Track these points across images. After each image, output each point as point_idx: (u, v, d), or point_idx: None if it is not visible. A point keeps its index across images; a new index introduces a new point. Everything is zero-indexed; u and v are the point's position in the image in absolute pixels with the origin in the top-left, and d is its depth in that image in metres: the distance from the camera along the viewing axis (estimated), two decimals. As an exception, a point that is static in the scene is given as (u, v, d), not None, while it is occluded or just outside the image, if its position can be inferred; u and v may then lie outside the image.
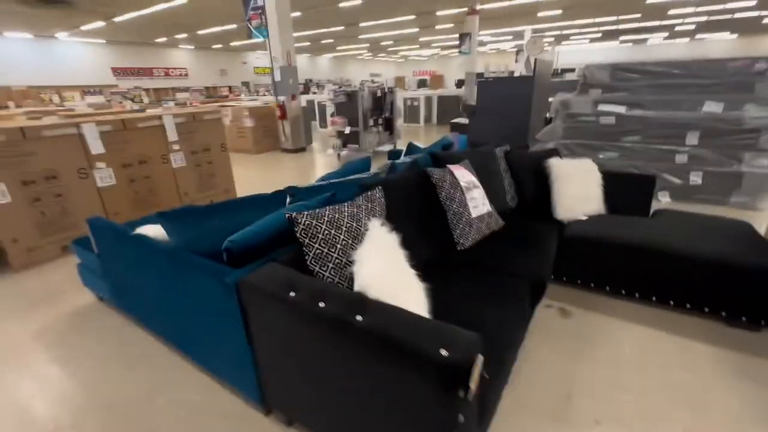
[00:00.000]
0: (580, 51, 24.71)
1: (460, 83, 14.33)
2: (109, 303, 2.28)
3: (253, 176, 5.54)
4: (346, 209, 1.38)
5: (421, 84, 16.43)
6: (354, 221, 1.36)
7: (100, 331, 2.09)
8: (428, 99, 10.93)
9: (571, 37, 21.29)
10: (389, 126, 7.12)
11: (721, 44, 21.87)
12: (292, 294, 1.10)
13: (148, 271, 1.60)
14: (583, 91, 4.35)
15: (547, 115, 5.29)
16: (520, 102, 4.42)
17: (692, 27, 17.55)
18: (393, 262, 1.23)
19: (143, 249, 1.57)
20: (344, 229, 1.32)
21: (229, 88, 19.90)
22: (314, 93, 12.79)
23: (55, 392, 1.68)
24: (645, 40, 22.22)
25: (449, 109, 10.94)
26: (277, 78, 6.79)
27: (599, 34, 19.90)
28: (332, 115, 9.37)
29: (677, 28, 18.01)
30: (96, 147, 3.09)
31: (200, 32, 14.48)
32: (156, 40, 16.36)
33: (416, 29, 16.45)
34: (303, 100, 7.15)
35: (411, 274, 1.24)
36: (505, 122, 4.54)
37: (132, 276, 1.76)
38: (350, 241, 1.31)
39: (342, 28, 14.99)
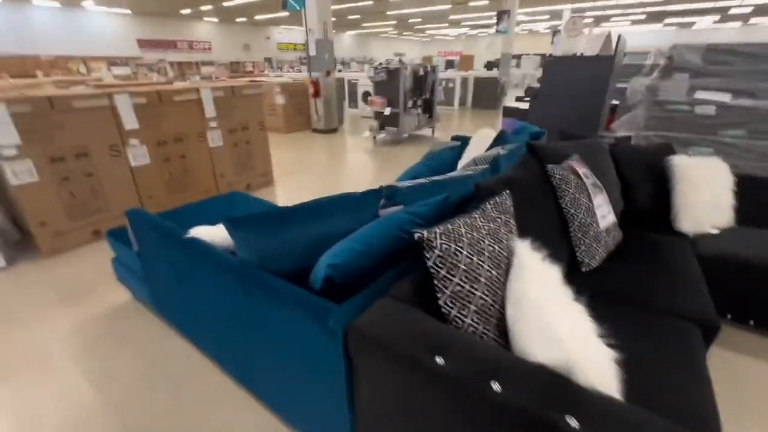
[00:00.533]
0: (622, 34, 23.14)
1: (489, 65, 13.53)
2: (148, 305, 1.98)
3: (287, 158, 5.19)
4: (481, 223, 1.00)
5: (449, 65, 15.61)
6: (495, 242, 0.98)
7: (138, 340, 1.79)
8: (464, 80, 10.29)
9: (612, 19, 19.88)
10: (428, 108, 6.63)
11: (779, 30, 20.12)
12: (439, 360, 0.74)
13: (207, 287, 1.27)
14: (665, 76, 3.78)
15: (614, 101, 4.73)
16: (593, 85, 3.89)
17: (748, 10, 16.06)
18: (568, 311, 0.85)
19: (203, 260, 1.23)
20: (486, 255, 0.94)
21: (252, 63, 19.45)
22: (339, 71, 12.23)
23: (85, 416, 1.39)
24: (691, 24, 20.58)
25: (485, 92, 10.30)
26: (312, 52, 6.34)
27: (643, 16, 18.49)
28: (364, 95, 8.93)
29: (732, 11, 16.52)
30: (130, 121, 2.77)
31: (226, 3, 13.98)
32: (181, 12, 15.95)
33: (448, 5, 15.54)
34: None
35: (591, 329, 0.86)
36: (573, 108, 4.02)
37: (182, 287, 1.44)
38: (494, 273, 0.93)
39: (371, 2, 14.25)
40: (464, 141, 3.04)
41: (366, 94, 8.84)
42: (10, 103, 2.24)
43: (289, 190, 3.93)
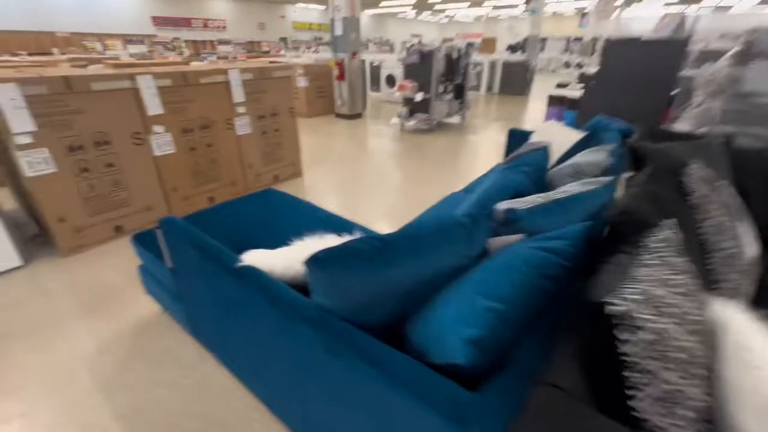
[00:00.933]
0: (649, 19, 21.87)
1: (513, 48, 12.84)
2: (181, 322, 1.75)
3: (311, 145, 4.89)
4: (665, 276, 0.70)
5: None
6: (692, 306, 0.68)
7: (172, 366, 1.56)
8: (492, 64, 9.75)
9: (644, 0, 18.71)
10: (459, 94, 6.22)
11: (829, 14, 18.74)
12: None
13: (265, 328, 1.00)
14: (740, 63, 3.34)
15: (673, 92, 4.28)
16: (660, 73, 3.47)
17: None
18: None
19: (264, 299, 0.96)
20: (688, 327, 0.65)
21: (267, 44, 18.96)
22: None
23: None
24: (729, 7, 19.24)
25: (513, 77, 9.76)
26: (338, 31, 5.94)
27: (677, -2, 17.34)
28: (388, 79, 8.49)
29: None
30: (154, 106, 2.50)
31: (243, -21, 13.45)
32: (196, -13, 15.47)
33: (475, -17, 14.73)
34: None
35: None
36: (636, 97, 3.62)
37: (228, 320, 1.18)
38: (701, 355, 0.64)
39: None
40: (521, 135, 2.71)
41: (390, 78, 8.42)
42: (23, 84, 1.98)
43: (319, 183, 3.65)
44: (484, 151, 4.76)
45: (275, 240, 1.62)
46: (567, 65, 17.48)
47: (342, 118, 6.60)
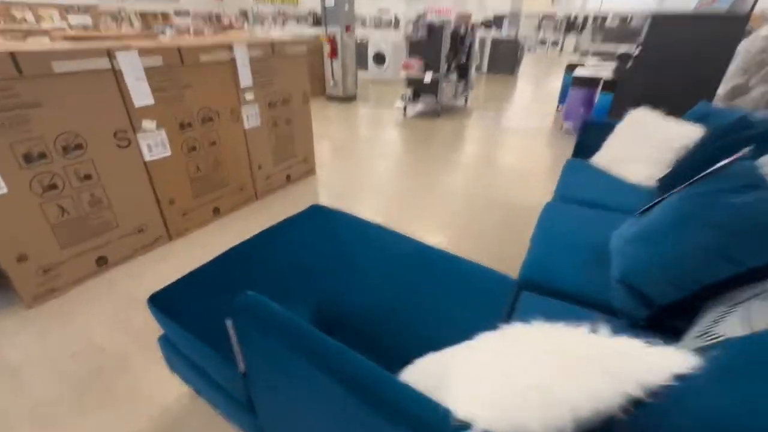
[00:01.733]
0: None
1: (484, 25, 12.36)
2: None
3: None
4: None
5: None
6: None
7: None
8: (482, 42, 9.28)
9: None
10: (463, 74, 5.73)
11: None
12: None
13: None
14: None
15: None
16: (713, 51, 3.16)
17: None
18: None
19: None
20: None
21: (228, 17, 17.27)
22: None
23: None
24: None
25: (502, 56, 9.37)
26: (330, 3, 5.21)
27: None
28: (376, 57, 7.72)
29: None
30: (140, 94, 1.84)
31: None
32: (142, -50, 13.61)
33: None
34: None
35: None
36: (683, 80, 3.31)
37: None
38: None
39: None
40: (599, 127, 2.30)
41: (378, 56, 7.75)
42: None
43: (337, 182, 3.09)
44: (507, 138, 4.36)
45: (364, 290, 1.13)
46: (543, 43, 17.37)
47: (334, 100, 5.93)
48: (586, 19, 15.64)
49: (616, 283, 1.10)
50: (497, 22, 11.95)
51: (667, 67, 3.34)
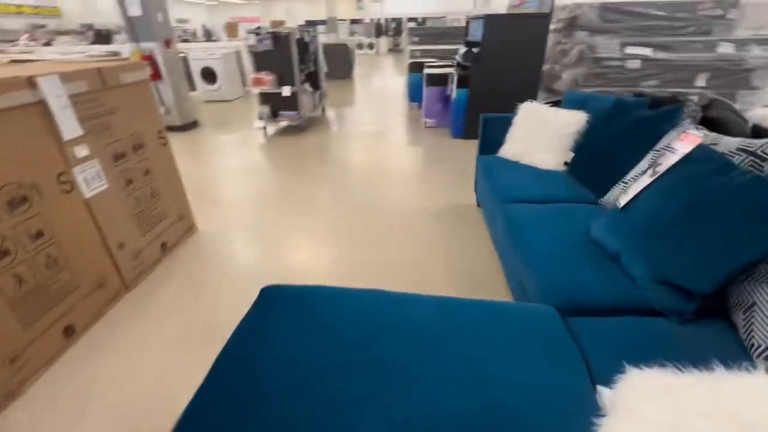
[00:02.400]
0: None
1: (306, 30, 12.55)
2: None
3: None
4: None
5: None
6: None
7: None
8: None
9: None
10: (315, 84, 5.49)
11: None
12: None
13: None
14: (568, 34, 4.04)
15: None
16: (532, 46, 3.80)
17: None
18: None
19: None
20: None
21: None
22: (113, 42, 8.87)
23: None
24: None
25: (336, 61, 9.51)
26: (135, 11, 4.16)
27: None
28: (204, 72, 6.54)
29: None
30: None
31: None
32: None
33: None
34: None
35: None
36: (517, 70, 3.88)
37: None
38: None
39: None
40: (499, 121, 2.43)
41: (207, 71, 6.75)
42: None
43: (226, 236, 2.47)
44: (376, 143, 4.35)
45: (419, 391, 0.84)
46: (360, 46, 18.52)
47: (173, 131, 4.86)
48: (400, 22, 17.27)
49: (652, 284, 1.09)
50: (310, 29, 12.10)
51: (503, 60, 3.87)
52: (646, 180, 1.26)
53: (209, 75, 6.80)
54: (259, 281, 1.23)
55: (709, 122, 1.60)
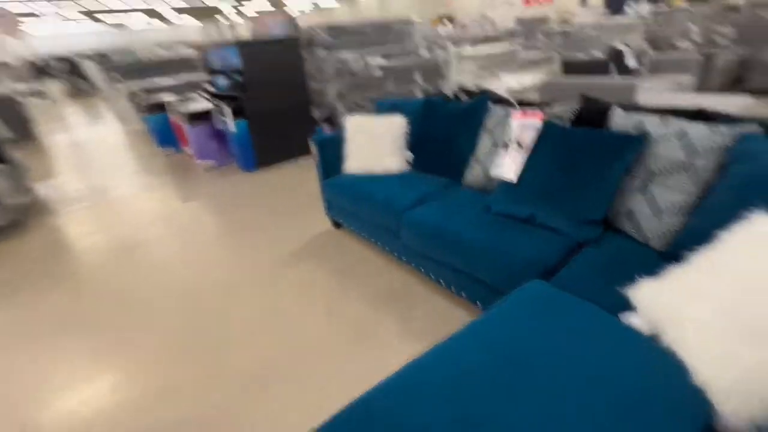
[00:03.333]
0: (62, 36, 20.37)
1: None
2: None
3: None
4: None
5: None
6: None
7: None
8: None
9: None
10: (2, 158, 3.65)
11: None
12: None
13: None
14: (310, 52, 4.45)
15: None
16: (292, 68, 3.85)
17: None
18: None
19: None
20: None
21: None
22: None
23: None
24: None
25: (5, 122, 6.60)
26: None
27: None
28: None
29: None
30: None
31: None
32: None
33: None
34: None
35: None
36: (284, 95, 3.86)
37: None
38: None
39: None
40: (330, 141, 2.39)
41: None
42: None
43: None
44: (145, 215, 3.45)
45: None
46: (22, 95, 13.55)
47: None
48: (72, 61, 13.53)
49: (575, 226, 1.40)
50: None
51: (270, 85, 3.78)
52: (520, 154, 1.58)
53: None
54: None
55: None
